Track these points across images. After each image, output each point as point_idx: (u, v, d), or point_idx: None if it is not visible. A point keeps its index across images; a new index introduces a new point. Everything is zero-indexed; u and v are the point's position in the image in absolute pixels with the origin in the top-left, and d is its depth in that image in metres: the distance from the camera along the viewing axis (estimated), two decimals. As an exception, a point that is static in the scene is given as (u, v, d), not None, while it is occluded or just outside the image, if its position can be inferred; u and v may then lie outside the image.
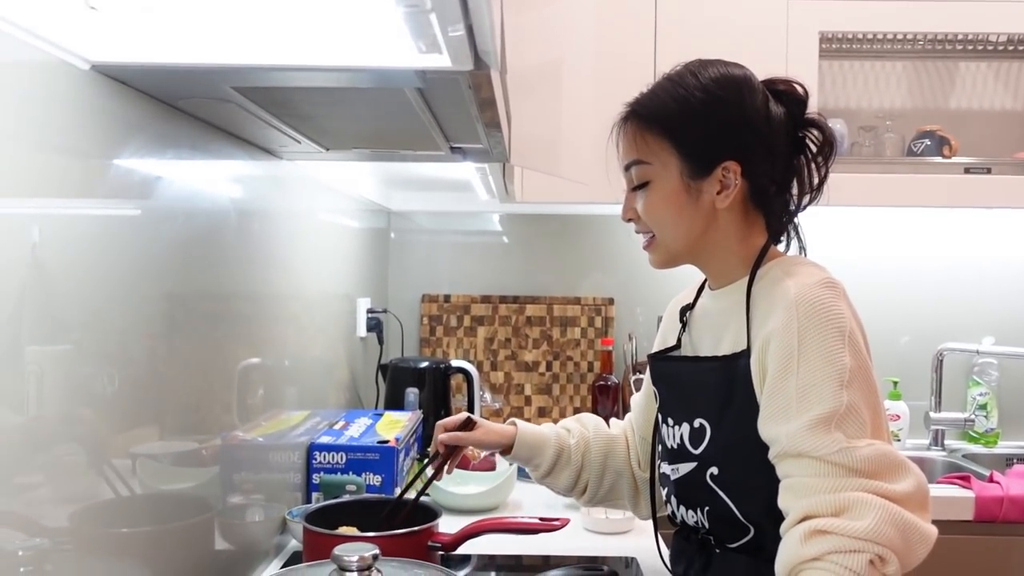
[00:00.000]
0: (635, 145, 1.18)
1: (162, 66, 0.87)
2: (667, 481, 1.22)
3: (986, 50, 2.50)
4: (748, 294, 1.12)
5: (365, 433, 1.77)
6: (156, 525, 1.06)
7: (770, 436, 1.05)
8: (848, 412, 1.00)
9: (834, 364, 1.01)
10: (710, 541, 1.17)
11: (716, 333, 1.18)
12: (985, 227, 2.62)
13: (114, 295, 0.95)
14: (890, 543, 0.94)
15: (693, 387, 1.17)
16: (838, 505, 0.97)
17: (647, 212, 1.17)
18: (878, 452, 0.99)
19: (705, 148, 1.14)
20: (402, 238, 2.71)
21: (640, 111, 1.18)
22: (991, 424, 2.54)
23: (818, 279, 1.07)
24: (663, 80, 1.19)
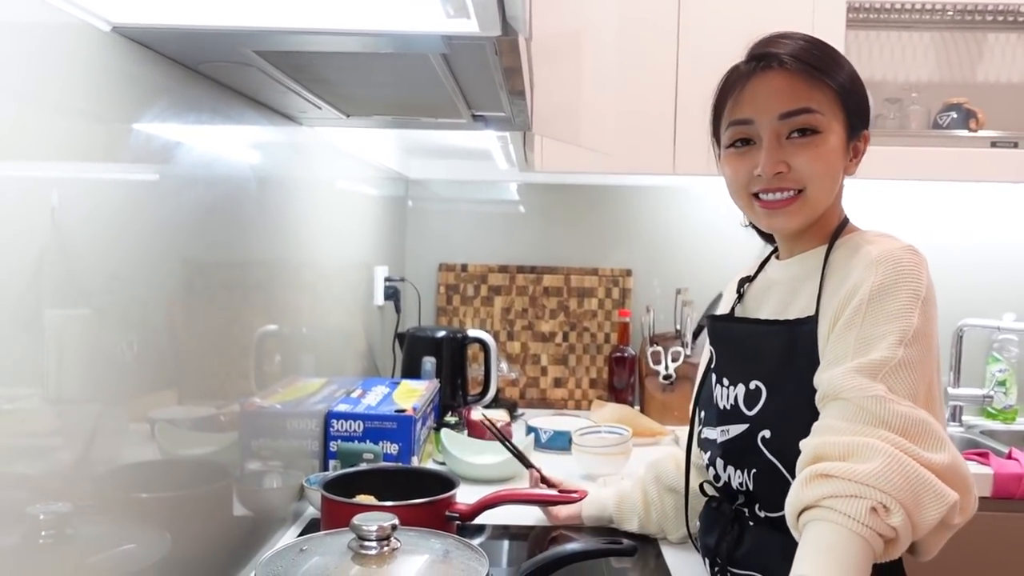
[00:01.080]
0: (805, 92, 1.09)
1: (183, 28, 0.86)
2: (711, 445, 1.20)
3: (1016, 21, 2.45)
4: (826, 261, 1.11)
5: (382, 402, 1.77)
6: (175, 490, 1.07)
7: (819, 381, 1.03)
8: (899, 367, 0.97)
9: (900, 320, 0.99)
10: (743, 513, 1.16)
11: (784, 299, 1.16)
12: (1010, 202, 2.58)
13: (133, 260, 0.94)
14: (896, 492, 0.90)
15: (751, 349, 1.16)
16: (847, 448, 0.93)
17: (812, 163, 1.09)
18: (918, 416, 0.95)
19: (860, 109, 1.14)
20: (420, 206, 2.70)
21: (808, 59, 1.10)
22: (1010, 400, 2.52)
23: (903, 244, 1.06)
24: (793, 38, 1.13)
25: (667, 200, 2.64)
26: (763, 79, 1.11)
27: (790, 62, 1.09)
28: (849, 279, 1.05)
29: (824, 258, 1.12)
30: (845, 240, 1.13)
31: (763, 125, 1.11)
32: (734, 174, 1.15)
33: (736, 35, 1.17)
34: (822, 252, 1.13)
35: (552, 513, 1.50)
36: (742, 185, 1.14)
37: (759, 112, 1.11)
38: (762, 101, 1.11)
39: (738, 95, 1.13)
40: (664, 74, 2.19)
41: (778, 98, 1.10)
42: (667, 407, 2.42)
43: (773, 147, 1.10)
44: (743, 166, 1.13)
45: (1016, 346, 2.54)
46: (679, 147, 2.19)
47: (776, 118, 1.10)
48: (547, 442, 2.06)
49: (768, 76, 1.11)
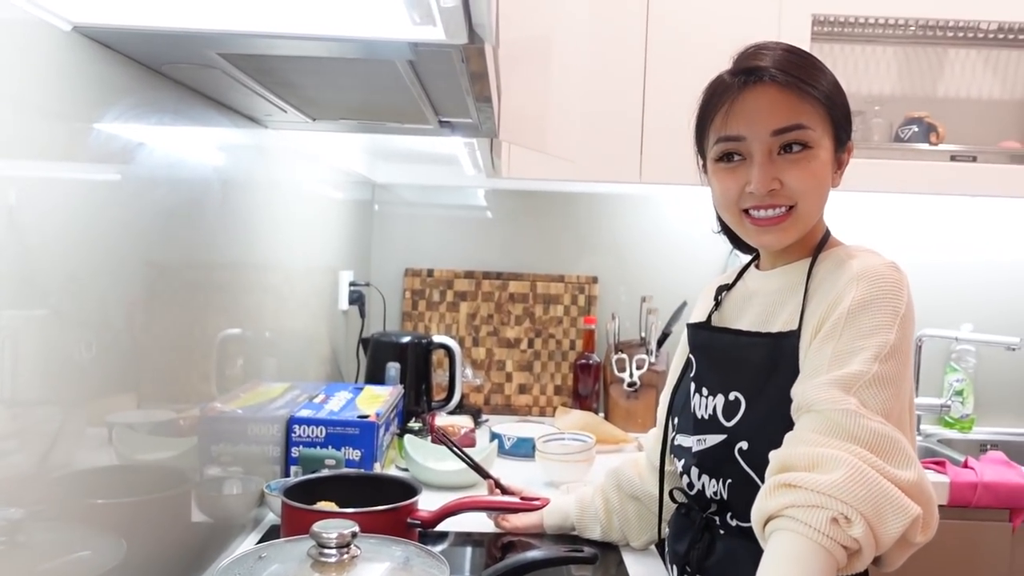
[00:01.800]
0: (797, 108, 1.09)
1: (146, 29, 0.85)
2: (686, 453, 1.20)
3: (976, 38, 2.50)
4: (809, 275, 1.12)
5: (345, 407, 1.76)
6: (133, 496, 1.05)
7: (794, 393, 1.03)
8: (873, 382, 0.97)
9: (877, 335, 1.00)
10: (714, 521, 1.16)
11: (767, 311, 1.16)
12: (968, 215, 2.63)
13: (93, 261, 0.93)
14: (858, 504, 0.90)
15: (733, 359, 1.16)
16: (812, 459, 0.94)
17: (804, 179, 1.09)
18: (887, 432, 0.95)
19: (845, 123, 1.14)
20: (386, 211, 2.69)
21: (798, 73, 1.09)
22: (967, 410, 2.56)
23: (885, 260, 1.07)
24: (782, 50, 1.12)
25: (633, 208, 2.66)
26: (753, 94, 1.10)
27: (780, 76, 1.09)
28: (831, 293, 1.06)
29: (808, 272, 1.12)
30: (828, 254, 1.13)
31: (755, 141, 1.10)
32: (725, 190, 1.14)
33: (703, 46, 1.19)
34: (805, 265, 1.14)
35: (511, 522, 1.49)
36: (732, 201, 1.13)
37: (751, 128, 1.10)
38: (754, 117, 1.09)
39: (728, 109, 1.11)
40: (631, 83, 2.21)
41: (770, 114, 1.09)
42: (631, 414, 2.43)
43: (766, 163, 1.09)
44: (734, 182, 1.12)
45: (973, 356, 2.59)
46: (646, 155, 2.20)
47: (768, 134, 1.09)
48: (511, 449, 2.06)
49: (758, 91, 1.10)
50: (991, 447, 2.44)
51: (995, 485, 1.97)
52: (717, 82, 1.15)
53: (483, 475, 1.57)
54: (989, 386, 2.62)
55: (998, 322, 2.58)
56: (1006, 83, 2.57)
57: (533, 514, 1.48)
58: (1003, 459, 2.10)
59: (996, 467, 2.04)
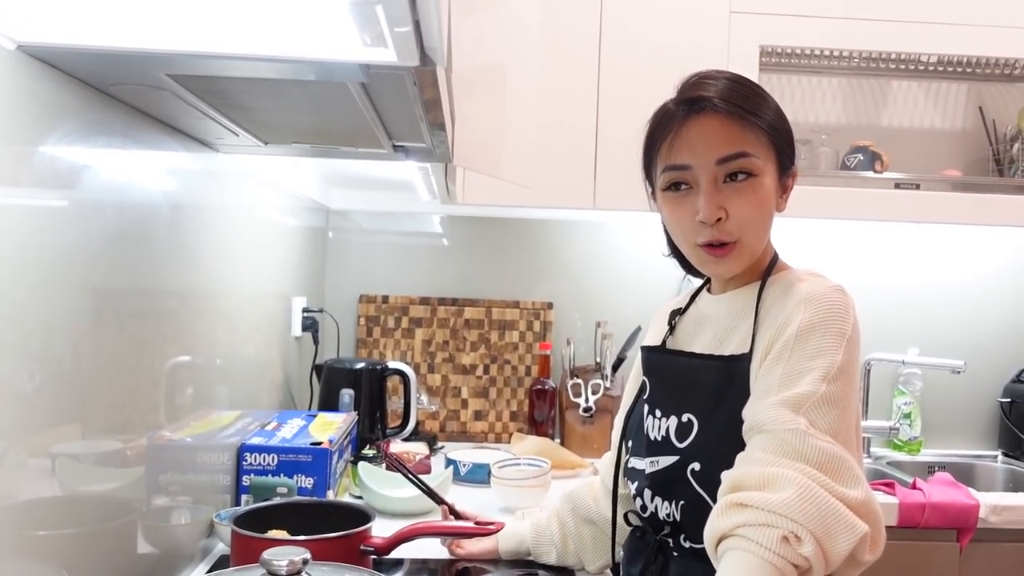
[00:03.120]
0: (738, 136, 1.09)
1: (93, 49, 0.84)
2: (639, 475, 1.21)
3: (918, 70, 2.57)
4: (759, 298, 1.13)
5: (298, 434, 1.73)
6: (76, 527, 1.02)
7: (745, 414, 1.05)
8: (822, 402, 0.99)
9: (825, 356, 1.01)
10: (668, 543, 1.16)
11: (718, 334, 1.18)
12: (913, 241, 2.69)
13: (37, 288, 0.91)
14: (807, 522, 0.91)
15: (686, 382, 1.17)
16: (763, 478, 0.95)
17: (748, 209, 1.10)
18: (835, 452, 0.97)
19: (788, 147, 1.15)
20: (340, 237, 2.67)
21: (739, 102, 1.10)
22: (915, 432, 2.61)
23: (832, 285, 1.09)
24: (724, 79, 1.13)
25: (587, 234, 2.68)
26: (697, 123, 1.10)
27: (723, 105, 1.09)
28: (780, 316, 1.07)
29: (758, 295, 1.14)
30: (777, 278, 1.15)
31: (700, 170, 1.10)
32: (676, 221, 1.15)
33: (655, 75, 1.20)
34: (755, 289, 1.16)
35: (465, 547, 1.48)
36: (687, 233, 1.14)
37: (695, 157, 1.10)
38: (698, 146, 1.10)
39: (673, 139, 1.12)
40: (584, 110, 2.23)
41: (714, 143, 1.10)
42: (587, 440, 2.44)
43: (711, 192, 1.10)
44: (684, 212, 1.13)
45: (920, 379, 2.64)
46: (599, 182, 2.22)
47: (713, 163, 1.10)
48: (466, 475, 2.05)
49: (702, 120, 1.10)
50: (939, 469, 2.48)
51: (943, 506, 2.01)
52: (662, 111, 1.16)
53: (437, 500, 1.56)
54: (936, 408, 2.67)
55: (943, 345, 2.64)
56: (946, 114, 2.65)
57: (488, 539, 1.47)
58: (950, 480, 2.14)
59: (944, 488, 2.08)
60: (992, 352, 2.69)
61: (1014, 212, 2.33)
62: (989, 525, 2.00)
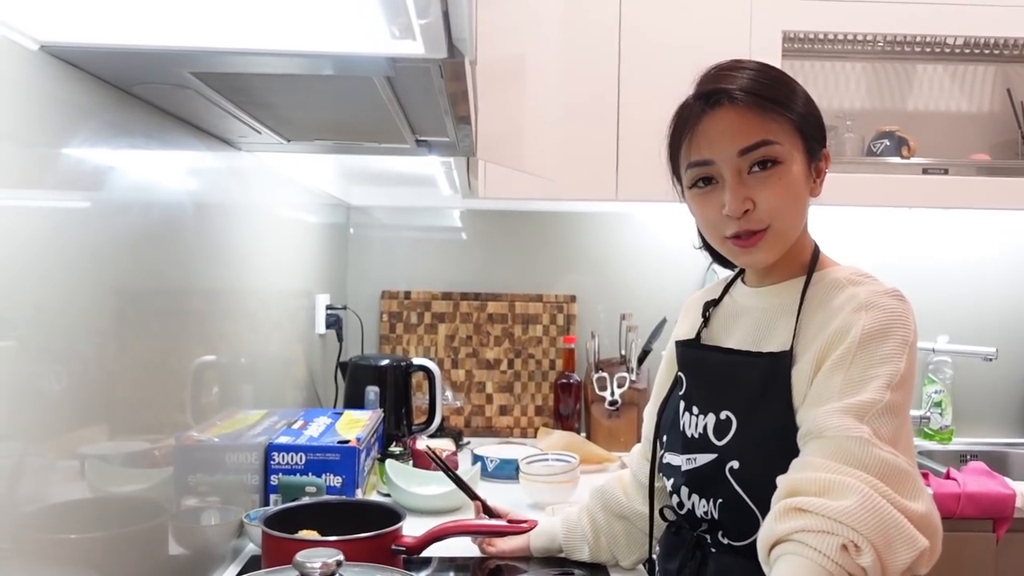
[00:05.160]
0: (759, 125, 1.07)
1: (117, 48, 0.83)
2: (675, 472, 1.19)
3: (943, 52, 2.53)
4: (803, 295, 1.10)
5: (325, 433, 1.72)
6: (106, 530, 1.02)
7: (802, 419, 1.02)
8: (886, 411, 0.97)
9: (889, 364, 0.99)
10: (706, 540, 1.15)
11: (759, 329, 1.15)
12: (941, 227, 2.65)
13: (62, 290, 0.90)
14: (868, 532, 0.89)
15: (724, 378, 1.15)
16: (823, 485, 0.93)
17: (776, 197, 1.07)
18: (897, 463, 0.95)
19: (816, 131, 1.13)
20: (361, 233, 2.67)
21: (756, 90, 1.08)
22: (946, 421, 2.57)
23: (889, 289, 1.06)
24: (737, 68, 1.11)
25: (610, 226, 2.65)
26: (715, 117, 1.09)
27: (740, 96, 1.07)
28: (835, 320, 1.04)
29: (802, 291, 1.11)
30: (824, 275, 1.12)
31: (723, 164, 1.09)
32: (704, 216, 1.13)
33: (676, 64, 1.18)
34: (798, 284, 1.13)
35: (496, 545, 1.46)
36: (715, 228, 1.12)
37: (716, 152, 1.09)
38: (718, 140, 1.09)
39: (692, 135, 1.11)
40: (605, 100, 2.21)
41: (734, 135, 1.08)
42: (613, 433, 2.42)
43: (736, 185, 1.08)
44: (711, 207, 1.11)
45: (950, 367, 2.60)
46: (622, 173, 2.20)
47: (735, 155, 1.08)
48: (494, 471, 2.04)
49: (720, 113, 1.09)
50: (971, 458, 2.44)
51: (978, 495, 1.97)
52: (681, 108, 1.14)
53: (471, 496, 1.55)
54: (967, 397, 2.63)
55: (974, 333, 2.59)
56: (973, 97, 2.60)
57: (519, 537, 1.45)
58: (984, 469, 2.10)
59: (978, 478, 2.05)
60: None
61: (1045, 196, 2.29)
62: (1026, 515, 1.97)
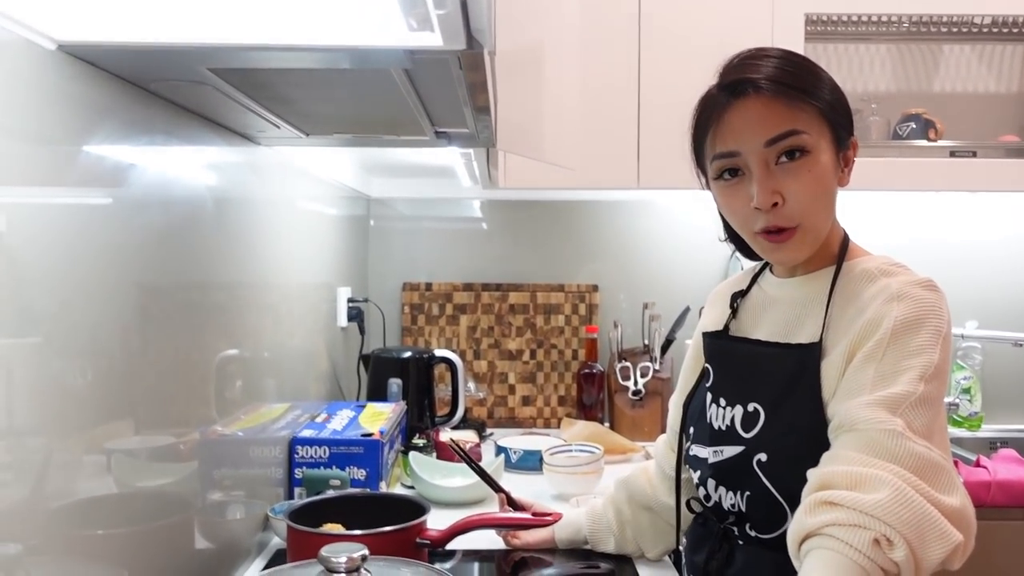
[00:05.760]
0: (786, 114, 1.04)
1: (134, 46, 0.82)
2: (702, 464, 1.18)
3: (970, 32, 2.49)
4: (833, 285, 1.08)
5: (348, 426, 1.73)
6: (133, 525, 1.02)
7: (833, 411, 1.01)
8: (919, 403, 0.95)
9: (922, 355, 0.97)
10: (733, 532, 1.14)
11: (788, 321, 1.13)
12: (970, 211, 2.61)
13: (86, 286, 0.90)
14: (901, 526, 0.87)
15: (752, 371, 1.13)
16: (855, 478, 0.91)
17: (806, 191, 1.05)
18: (931, 457, 0.92)
19: (843, 119, 1.10)
20: (382, 225, 2.67)
21: (781, 79, 1.05)
22: (975, 408, 2.54)
23: (921, 279, 1.04)
24: (760, 56, 1.09)
25: (632, 214, 2.64)
26: (741, 108, 1.06)
27: (766, 86, 1.05)
28: (867, 311, 1.02)
29: (832, 282, 1.09)
30: (854, 265, 1.10)
31: (750, 155, 1.06)
32: (732, 210, 1.11)
33: (697, 49, 1.17)
34: (828, 275, 1.11)
35: (521, 538, 1.46)
36: (744, 222, 1.10)
37: (742, 143, 1.06)
38: (744, 131, 1.06)
39: (717, 126, 1.08)
40: (626, 87, 2.19)
41: (761, 125, 1.05)
42: (637, 423, 2.41)
43: (764, 177, 1.05)
44: (738, 200, 1.09)
45: (980, 353, 2.56)
46: (643, 160, 2.18)
47: (762, 146, 1.05)
48: (517, 462, 2.04)
49: (746, 104, 1.06)
50: (1001, 445, 2.41)
51: (1009, 483, 1.95)
52: (705, 98, 1.12)
53: (495, 488, 1.54)
54: (996, 383, 2.60)
55: (1003, 318, 2.56)
56: (1001, 77, 2.55)
57: (544, 529, 1.45)
58: (1015, 456, 2.08)
59: (1009, 465, 2.02)
60: (1054, 323, 2.61)
61: (1076, 177, 2.24)
62: (1058, 502, 1.94)
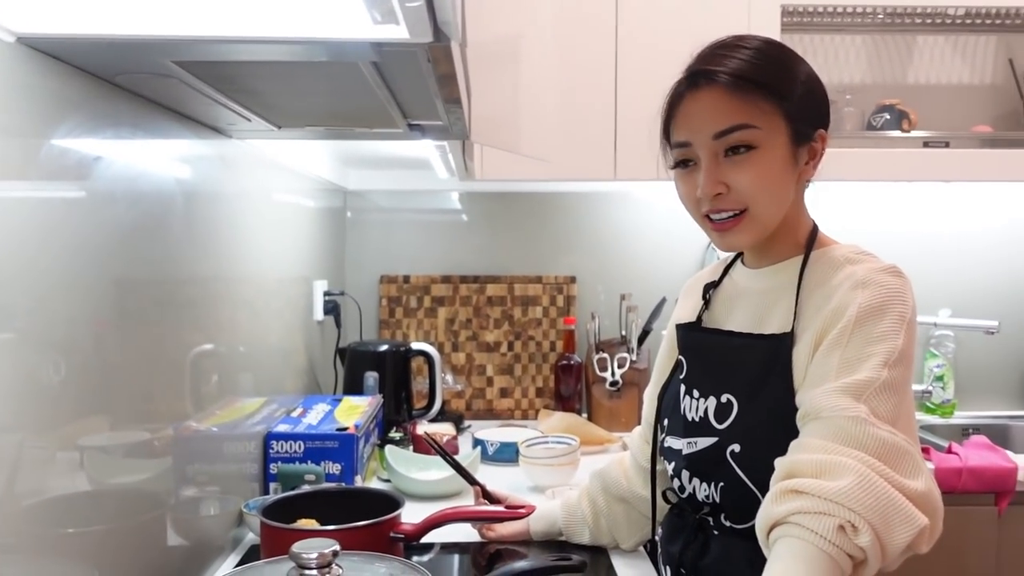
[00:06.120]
0: (737, 108, 1.06)
1: (96, 38, 0.81)
2: (676, 455, 1.18)
3: (944, 23, 2.50)
4: (801, 275, 1.09)
5: (324, 420, 1.72)
6: (106, 523, 1.01)
7: (800, 400, 1.02)
8: (883, 389, 0.96)
9: (886, 341, 0.98)
10: (708, 522, 1.15)
11: (758, 311, 1.14)
12: (943, 201, 2.63)
13: (59, 281, 0.89)
14: (865, 512, 0.88)
15: (725, 362, 1.14)
16: (820, 466, 0.92)
17: (752, 182, 1.06)
18: (895, 442, 0.94)
19: (807, 112, 1.10)
20: (359, 218, 2.65)
21: (738, 71, 1.06)
22: (948, 395, 2.57)
23: (886, 266, 1.05)
24: (728, 46, 1.10)
25: (609, 206, 2.64)
26: (694, 98, 1.09)
27: (722, 79, 1.06)
28: (832, 299, 1.03)
29: (800, 271, 1.10)
30: (822, 254, 1.11)
31: (699, 146, 1.09)
32: (684, 196, 1.14)
33: (674, 39, 1.17)
34: (797, 264, 1.12)
35: (496, 531, 1.46)
36: (693, 206, 1.13)
37: (693, 133, 1.09)
38: (695, 122, 1.09)
39: (676, 116, 1.11)
40: (603, 79, 2.19)
41: (710, 117, 1.07)
42: (614, 414, 2.41)
43: (710, 168, 1.08)
44: (689, 187, 1.11)
45: (952, 341, 2.59)
46: (620, 152, 2.19)
47: (710, 138, 1.07)
48: (494, 454, 2.04)
49: (699, 95, 1.09)
50: (973, 431, 2.43)
51: (980, 469, 1.97)
52: (674, 86, 1.14)
53: (470, 481, 1.54)
54: (969, 370, 2.63)
55: (976, 306, 2.58)
56: (975, 68, 2.57)
57: (519, 522, 1.45)
58: (986, 443, 2.10)
59: (980, 451, 2.04)
60: (1026, 311, 2.64)
61: (1047, 167, 2.27)
62: (1029, 488, 1.97)
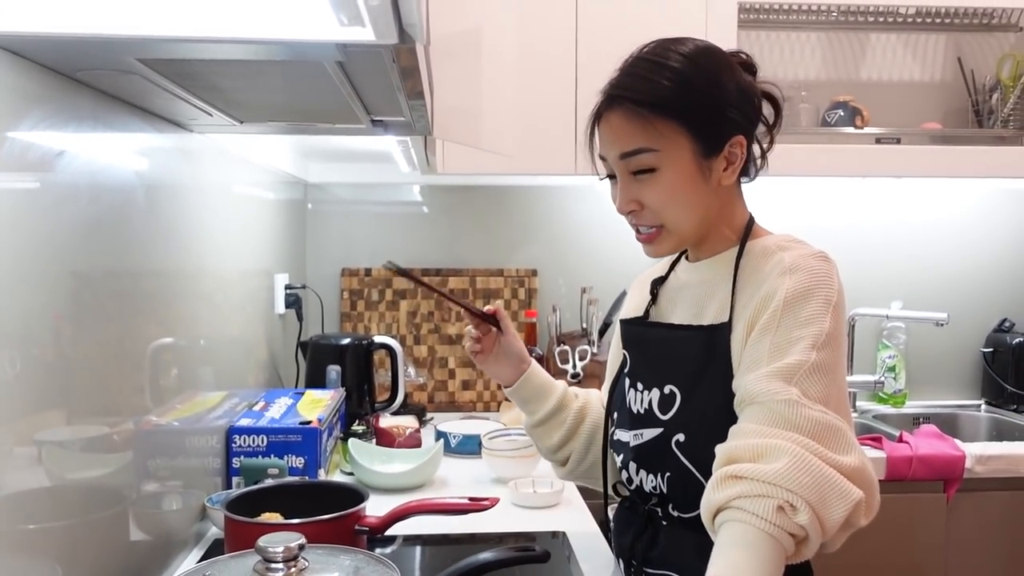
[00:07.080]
0: (638, 131, 1.09)
1: (57, 36, 0.81)
2: (624, 448, 1.21)
3: (896, 22, 2.56)
4: (736, 266, 1.13)
5: (286, 414, 1.72)
6: (66, 519, 1.01)
7: (736, 386, 1.05)
8: (813, 371, 0.99)
9: (813, 325, 1.02)
10: (657, 513, 1.17)
11: (698, 303, 1.17)
12: (895, 196, 2.70)
13: (15, 274, 0.89)
14: (802, 491, 0.91)
15: (666, 354, 1.17)
16: (757, 450, 0.95)
17: (660, 200, 1.11)
18: (827, 420, 0.97)
19: (715, 125, 1.12)
20: (320, 210, 2.65)
21: (637, 96, 1.09)
22: (899, 385, 2.64)
23: (814, 252, 1.09)
24: (644, 62, 1.12)
25: (570, 199, 2.66)
26: (606, 119, 1.13)
27: (625, 104, 1.10)
28: (763, 286, 1.07)
29: (736, 262, 1.13)
30: (755, 244, 1.14)
31: (612, 164, 1.14)
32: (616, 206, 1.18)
33: (633, 35, 1.19)
34: (732, 256, 1.15)
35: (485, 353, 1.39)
36: (624, 216, 1.18)
37: (606, 152, 1.15)
38: (604, 143, 1.14)
39: (596, 133, 1.16)
40: (563, 75, 2.21)
41: (615, 139, 1.12)
42: (575, 405, 2.43)
43: (624, 186, 1.13)
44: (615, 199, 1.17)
45: (904, 333, 2.66)
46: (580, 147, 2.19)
47: (618, 158, 1.13)
48: (456, 447, 2.05)
49: (609, 116, 1.13)
50: (924, 420, 2.51)
51: (929, 458, 2.03)
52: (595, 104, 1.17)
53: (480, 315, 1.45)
54: (920, 361, 2.70)
55: (927, 298, 2.65)
56: (925, 66, 2.64)
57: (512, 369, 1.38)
58: (936, 432, 2.16)
59: (930, 440, 2.10)
60: (974, 302, 2.71)
61: (994, 163, 2.33)
62: (975, 475, 2.03)
